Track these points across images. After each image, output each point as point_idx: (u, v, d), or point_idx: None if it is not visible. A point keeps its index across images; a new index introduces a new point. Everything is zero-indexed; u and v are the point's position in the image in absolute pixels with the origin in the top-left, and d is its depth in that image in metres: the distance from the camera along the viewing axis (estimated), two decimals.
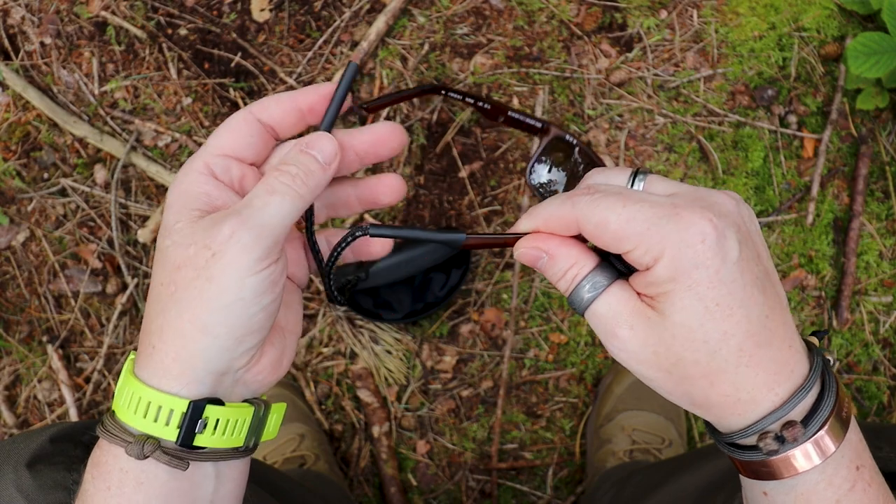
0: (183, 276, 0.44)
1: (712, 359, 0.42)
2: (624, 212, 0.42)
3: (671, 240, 0.40)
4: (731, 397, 0.43)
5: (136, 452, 0.44)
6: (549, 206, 0.45)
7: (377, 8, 1.30)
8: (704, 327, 0.41)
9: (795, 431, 0.42)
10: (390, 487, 1.23)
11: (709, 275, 0.41)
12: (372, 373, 1.25)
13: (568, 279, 0.45)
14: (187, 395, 0.45)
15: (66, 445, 0.66)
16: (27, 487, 0.61)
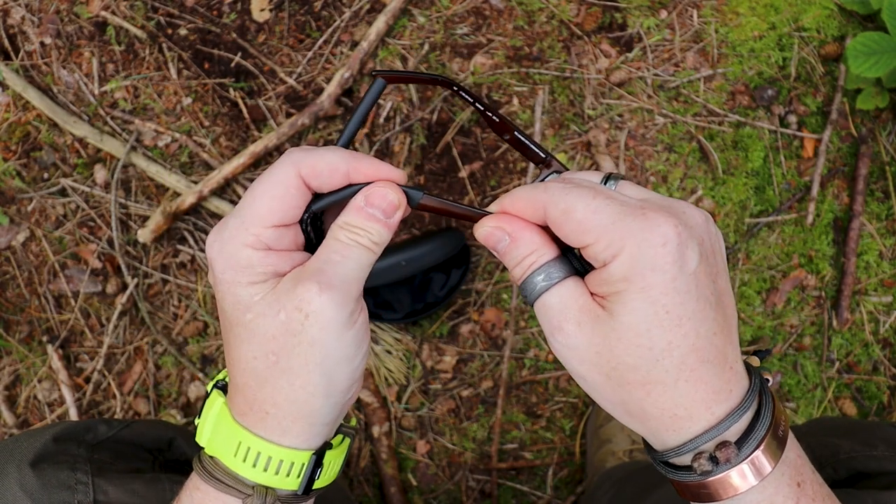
0: (283, 345, 0.44)
1: (653, 367, 0.41)
2: (592, 203, 0.41)
3: (633, 238, 0.40)
4: (668, 412, 0.42)
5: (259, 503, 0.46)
6: (520, 190, 0.45)
7: (377, 8, 1.30)
8: (651, 333, 0.40)
9: (729, 452, 0.41)
10: (390, 487, 1.23)
11: (664, 280, 0.40)
12: (372, 373, 1.25)
13: (524, 266, 0.44)
14: (309, 447, 0.46)
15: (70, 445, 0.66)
16: (31, 486, 0.61)
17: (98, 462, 0.65)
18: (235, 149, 1.29)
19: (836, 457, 0.66)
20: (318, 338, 0.43)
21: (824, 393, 1.26)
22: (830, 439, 0.68)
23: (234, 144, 1.29)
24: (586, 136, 1.28)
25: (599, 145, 1.27)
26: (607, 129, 1.28)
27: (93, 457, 0.66)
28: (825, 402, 1.26)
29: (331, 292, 0.43)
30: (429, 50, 1.29)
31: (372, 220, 0.46)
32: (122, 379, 1.28)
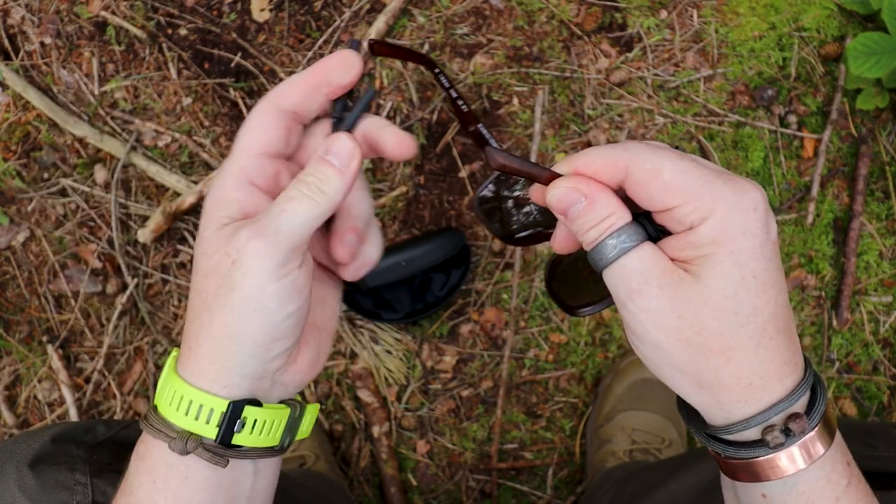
0: (211, 284, 0.45)
1: (737, 333, 0.40)
2: (680, 163, 0.40)
3: (724, 201, 0.39)
4: (744, 380, 0.41)
5: (180, 448, 0.45)
6: (594, 150, 0.43)
7: (377, 8, 1.30)
8: (738, 296, 0.40)
9: (802, 423, 0.41)
10: (390, 487, 1.23)
11: (753, 245, 0.40)
12: (372, 373, 1.25)
13: (601, 228, 0.42)
14: (226, 395, 0.46)
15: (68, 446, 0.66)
16: (30, 487, 0.61)
17: (97, 463, 0.65)
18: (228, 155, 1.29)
19: None
20: (239, 283, 0.44)
21: None
22: None
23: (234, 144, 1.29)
24: (586, 137, 1.28)
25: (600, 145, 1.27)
26: (607, 129, 1.28)
27: (91, 457, 0.66)
28: None
29: (258, 241, 0.43)
30: (429, 50, 1.29)
31: (326, 164, 0.46)
32: (122, 379, 1.28)
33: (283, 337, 0.46)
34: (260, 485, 0.50)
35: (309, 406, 0.52)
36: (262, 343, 0.45)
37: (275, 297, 0.44)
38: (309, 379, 0.50)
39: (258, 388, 0.47)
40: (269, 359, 0.46)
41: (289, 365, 0.48)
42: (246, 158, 0.47)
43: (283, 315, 0.45)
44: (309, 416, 0.52)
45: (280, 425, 0.49)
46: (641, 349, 0.43)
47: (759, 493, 0.44)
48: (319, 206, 0.45)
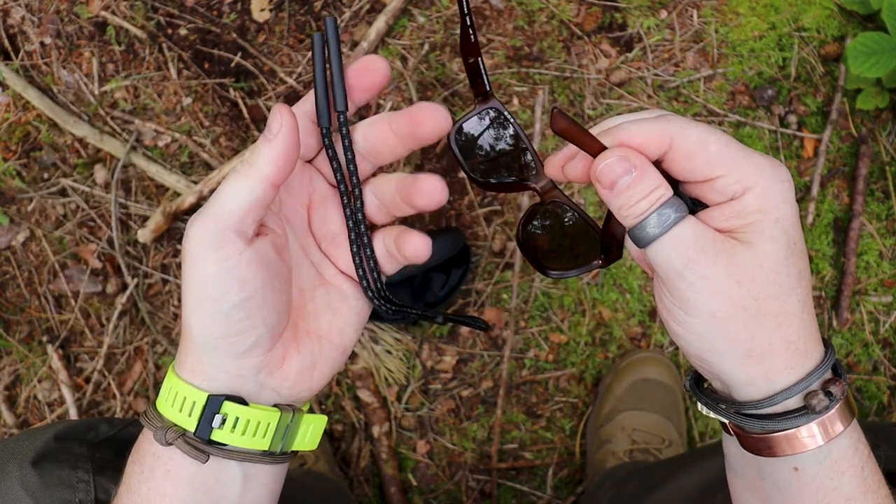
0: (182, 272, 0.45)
1: (789, 296, 0.42)
2: (723, 137, 0.42)
3: (764, 172, 0.41)
4: (792, 345, 0.42)
5: (160, 438, 0.45)
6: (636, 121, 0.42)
7: (377, 8, 1.30)
8: (787, 261, 0.41)
9: (841, 385, 0.42)
10: (390, 487, 1.23)
11: (792, 213, 0.42)
12: (372, 373, 1.25)
13: (652, 199, 0.42)
14: (206, 388, 0.46)
15: (71, 443, 0.66)
16: (32, 485, 0.61)
17: (99, 461, 0.65)
18: (235, 149, 1.29)
19: None
20: (186, 271, 0.44)
21: None
22: None
23: (234, 144, 1.29)
24: None
25: None
26: None
27: (94, 455, 0.66)
28: None
29: (194, 225, 0.43)
30: (429, 50, 1.29)
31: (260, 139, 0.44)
32: (122, 379, 1.28)
33: (241, 331, 0.44)
34: (252, 494, 0.48)
35: (309, 416, 0.50)
36: (220, 335, 0.44)
37: (215, 283, 0.43)
38: (302, 390, 0.48)
39: (241, 386, 0.46)
40: (236, 354, 0.45)
41: (273, 368, 0.46)
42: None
43: (229, 305, 0.43)
44: (312, 426, 0.50)
45: (269, 428, 0.47)
46: (690, 323, 0.43)
47: (791, 466, 0.44)
48: (248, 179, 0.43)
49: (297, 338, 0.48)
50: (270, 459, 0.48)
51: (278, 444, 0.48)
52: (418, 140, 0.46)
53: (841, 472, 0.44)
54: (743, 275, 0.41)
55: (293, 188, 0.49)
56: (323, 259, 0.50)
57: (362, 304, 0.51)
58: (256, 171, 0.43)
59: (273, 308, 0.45)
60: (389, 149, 0.47)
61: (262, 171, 0.43)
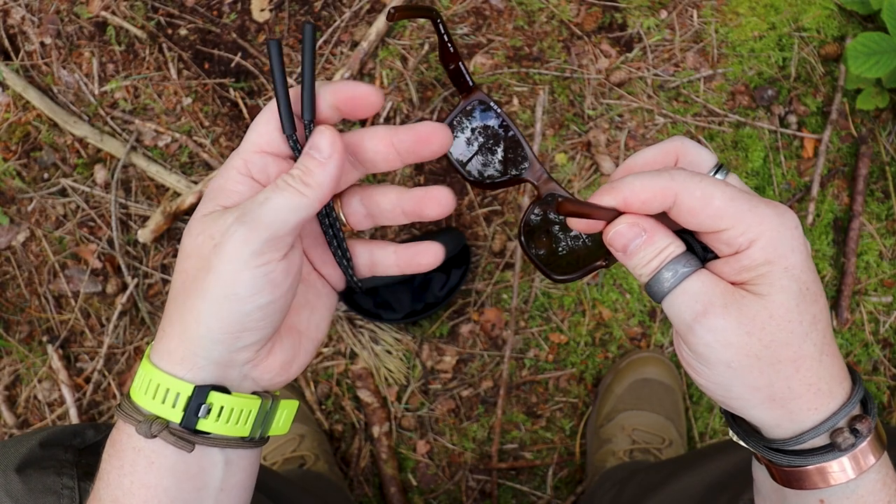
0: (192, 265, 0.46)
1: (803, 342, 0.42)
2: (728, 190, 0.42)
3: (770, 223, 0.42)
4: (813, 387, 0.43)
5: (145, 431, 0.46)
6: (641, 177, 0.44)
7: (377, 8, 1.30)
8: (800, 308, 0.42)
9: (868, 423, 0.43)
10: (390, 487, 1.23)
11: (802, 259, 0.42)
12: (372, 373, 1.25)
13: (661, 257, 0.44)
14: (191, 379, 0.46)
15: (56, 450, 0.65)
16: (17, 492, 0.61)
17: (85, 466, 0.65)
18: (235, 149, 1.29)
19: None
20: (216, 267, 0.44)
21: None
22: None
23: (234, 144, 1.29)
24: (586, 137, 1.28)
25: (599, 145, 1.27)
26: (607, 130, 1.28)
27: (80, 461, 0.65)
28: None
29: (239, 226, 0.44)
30: (429, 50, 1.29)
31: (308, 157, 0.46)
32: (122, 379, 1.28)
33: (252, 329, 0.46)
34: (234, 478, 0.49)
35: (284, 401, 0.52)
36: (228, 331, 0.45)
37: (247, 285, 0.44)
38: (281, 381, 0.50)
39: (225, 376, 0.47)
40: (235, 348, 0.46)
41: (259, 361, 0.48)
42: (250, 153, 0.48)
43: (254, 306, 0.45)
44: (286, 412, 0.52)
45: (250, 416, 0.48)
46: (708, 374, 0.44)
47: (818, 499, 0.45)
48: (304, 198, 0.45)
49: (281, 333, 0.50)
50: (250, 444, 0.50)
51: (258, 430, 0.50)
52: (420, 157, 0.48)
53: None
54: (753, 326, 0.42)
55: None
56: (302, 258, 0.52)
57: (332, 300, 0.54)
58: (311, 192, 0.45)
59: (284, 311, 0.47)
60: (387, 161, 0.49)
61: (317, 193, 0.45)
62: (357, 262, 0.53)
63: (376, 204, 0.51)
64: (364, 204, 0.51)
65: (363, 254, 0.53)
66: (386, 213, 0.51)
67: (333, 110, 0.48)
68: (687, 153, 0.46)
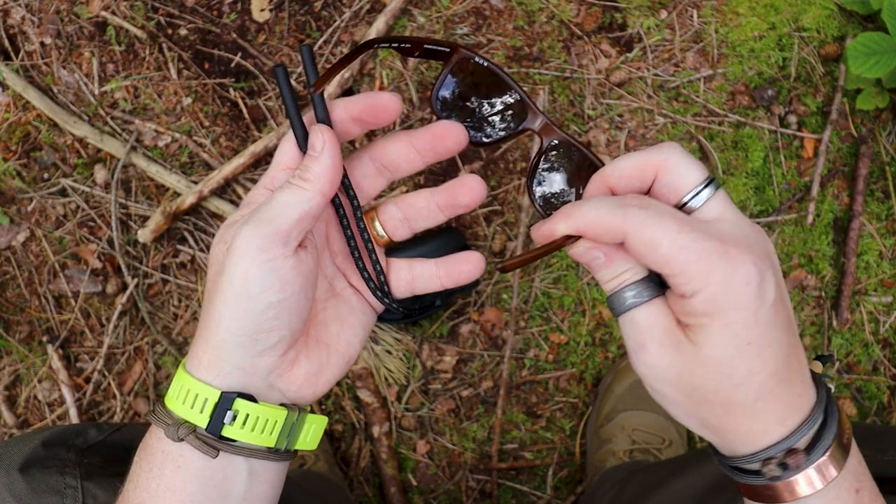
0: (213, 272, 0.48)
1: (733, 392, 0.43)
2: (677, 238, 0.42)
3: (716, 276, 0.41)
4: (744, 427, 0.44)
5: (172, 434, 0.47)
6: (595, 211, 0.44)
7: (377, 8, 1.30)
8: (733, 363, 0.42)
9: (799, 459, 0.43)
10: (390, 487, 1.23)
11: (746, 316, 0.41)
12: (372, 373, 1.25)
13: (618, 281, 0.46)
14: (218, 385, 0.47)
15: (59, 449, 0.65)
16: (20, 492, 0.61)
17: (87, 466, 0.65)
18: (235, 149, 1.29)
19: None
20: (228, 268, 0.46)
21: None
22: None
23: (234, 144, 1.29)
24: (586, 137, 1.28)
25: (599, 145, 1.28)
26: (607, 129, 1.28)
27: (82, 461, 0.66)
28: None
29: (247, 226, 0.46)
30: None
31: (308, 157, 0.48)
32: (122, 379, 1.28)
33: (268, 329, 0.46)
34: (257, 489, 0.50)
35: (312, 416, 0.52)
36: (245, 332, 0.46)
37: (257, 281, 0.45)
38: (307, 394, 0.50)
39: (251, 384, 0.48)
40: (255, 352, 0.47)
41: (284, 370, 0.49)
42: (276, 170, 0.51)
43: (265, 303, 0.46)
44: (313, 426, 0.52)
45: (276, 426, 0.49)
46: (651, 392, 0.46)
47: None
48: (304, 191, 0.47)
49: (307, 344, 0.51)
50: (275, 456, 0.50)
51: (283, 442, 0.50)
52: (438, 155, 0.50)
53: None
54: (683, 369, 0.43)
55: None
56: (336, 273, 0.54)
57: (368, 318, 0.54)
58: (309, 185, 0.47)
59: (300, 314, 0.48)
60: (409, 162, 0.51)
61: (315, 184, 0.47)
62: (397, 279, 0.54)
63: (411, 205, 0.53)
64: (399, 207, 0.53)
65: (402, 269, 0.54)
66: (422, 211, 0.53)
67: (354, 123, 0.50)
68: (667, 171, 0.44)
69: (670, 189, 0.44)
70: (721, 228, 0.43)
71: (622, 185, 0.46)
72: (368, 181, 0.53)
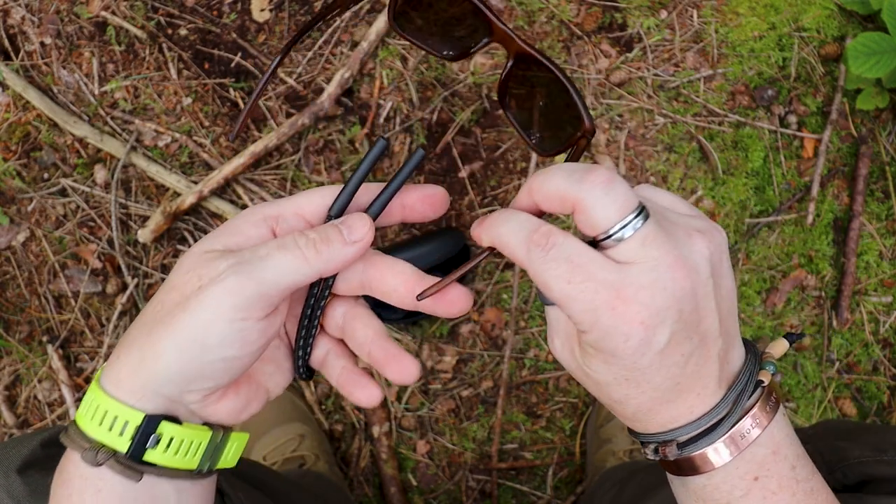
0: (170, 299, 0.44)
1: (614, 405, 0.47)
2: (567, 288, 0.42)
3: (599, 328, 0.42)
4: (630, 419, 0.48)
5: (91, 459, 0.44)
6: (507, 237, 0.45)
7: (377, 8, 1.30)
8: (610, 387, 0.45)
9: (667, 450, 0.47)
10: (390, 487, 1.23)
11: (625, 363, 0.43)
12: (372, 373, 1.25)
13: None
14: (142, 408, 0.44)
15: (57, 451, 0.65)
16: (18, 493, 0.61)
17: None
18: (235, 149, 1.29)
19: (846, 461, 0.66)
20: (192, 309, 0.43)
21: (824, 393, 1.26)
22: (840, 443, 0.68)
23: (234, 144, 1.29)
24: None
25: (599, 145, 1.27)
26: (607, 129, 1.28)
27: None
28: (825, 403, 1.26)
29: (231, 276, 0.42)
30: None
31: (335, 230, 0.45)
32: None
33: (209, 377, 0.44)
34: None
35: (235, 434, 0.50)
36: (186, 375, 0.44)
37: (218, 336, 0.43)
38: (229, 423, 0.49)
39: (174, 410, 0.46)
40: (186, 390, 0.45)
41: (208, 404, 0.47)
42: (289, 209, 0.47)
43: (218, 357, 0.43)
44: (235, 444, 0.51)
45: (200, 448, 0.47)
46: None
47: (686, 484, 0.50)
48: (308, 264, 0.44)
49: (239, 382, 0.48)
50: (199, 476, 0.48)
51: (206, 464, 0.48)
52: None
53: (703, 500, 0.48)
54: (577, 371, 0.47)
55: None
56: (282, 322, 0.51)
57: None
58: (319, 261, 0.44)
59: (246, 368, 0.46)
60: (397, 296, 0.51)
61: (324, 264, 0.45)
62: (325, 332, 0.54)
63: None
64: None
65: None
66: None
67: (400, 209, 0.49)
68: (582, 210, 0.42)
69: (585, 226, 0.43)
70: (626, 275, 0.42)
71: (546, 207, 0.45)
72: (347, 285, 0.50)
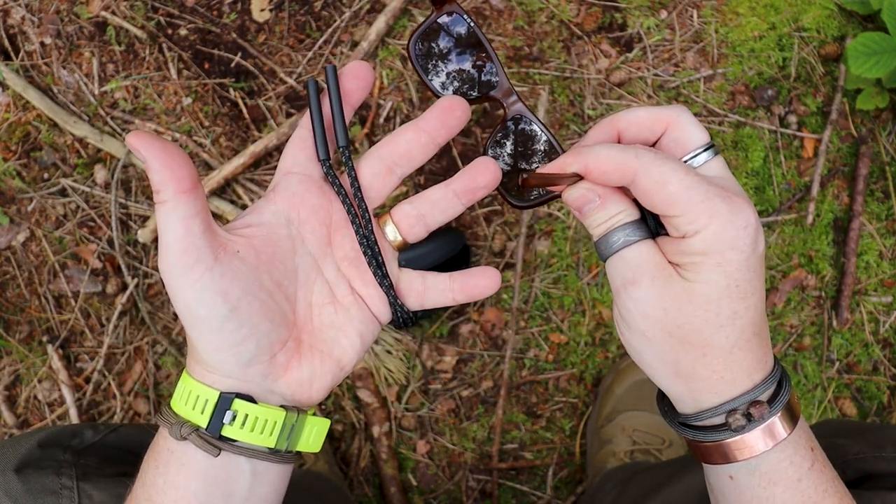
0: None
1: (716, 333, 0.44)
2: (686, 179, 0.43)
3: (719, 218, 0.43)
4: (717, 374, 0.45)
5: (175, 433, 0.48)
6: (607, 149, 0.45)
7: (377, 8, 1.30)
8: (720, 302, 0.44)
9: (762, 409, 0.45)
10: (390, 487, 1.23)
11: (740, 258, 0.43)
12: (372, 373, 1.25)
13: (609, 223, 0.47)
14: (218, 387, 0.48)
15: (55, 450, 0.66)
16: (16, 492, 0.61)
17: (83, 467, 0.65)
18: (235, 149, 1.29)
19: (845, 458, 0.66)
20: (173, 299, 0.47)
21: (824, 393, 1.26)
22: (839, 440, 0.68)
23: (234, 144, 1.29)
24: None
25: None
26: None
27: (78, 462, 0.66)
28: (825, 403, 1.26)
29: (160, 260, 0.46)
30: None
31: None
32: (122, 379, 1.28)
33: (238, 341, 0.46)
34: (259, 490, 0.50)
35: (313, 418, 0.52)
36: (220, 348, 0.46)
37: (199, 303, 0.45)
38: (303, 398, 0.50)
39: (248, 389, 0.48)
40: (242, 363, 0.47)
41: (277, 374, 0.49)
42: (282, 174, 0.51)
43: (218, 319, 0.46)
44: (316, 428, 0.52)
45: (276, 427, 0.49)
46: (628, 336, 0.47)
47: (727, 474, 0.48)
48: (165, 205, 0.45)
49: (299, 350, 0.50)
50: (276, 458, 0.50)
51: (283, 443, 0.50)
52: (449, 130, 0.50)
53: (773, 483, 0.46)
54: (671, 304, 0.44)
55: (313, 207, 0.50)
56: (339, 278, 0.52)
57: (367, 328, 0.53)
58: (163, 195, 0.44)
59: (262, 315, 0.47)
60: (422, 148, 0.51)
61: (167, 192, 0.44)
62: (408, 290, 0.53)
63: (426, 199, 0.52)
64: (414, 205, 0.52)
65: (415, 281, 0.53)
66: (438, 203, 0.51)
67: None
68: (677, 127, 0.46)
69: (678, 144, 0.46)
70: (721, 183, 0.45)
71: (631, 132, 0.47)
72: (380, 179, 0.51)
